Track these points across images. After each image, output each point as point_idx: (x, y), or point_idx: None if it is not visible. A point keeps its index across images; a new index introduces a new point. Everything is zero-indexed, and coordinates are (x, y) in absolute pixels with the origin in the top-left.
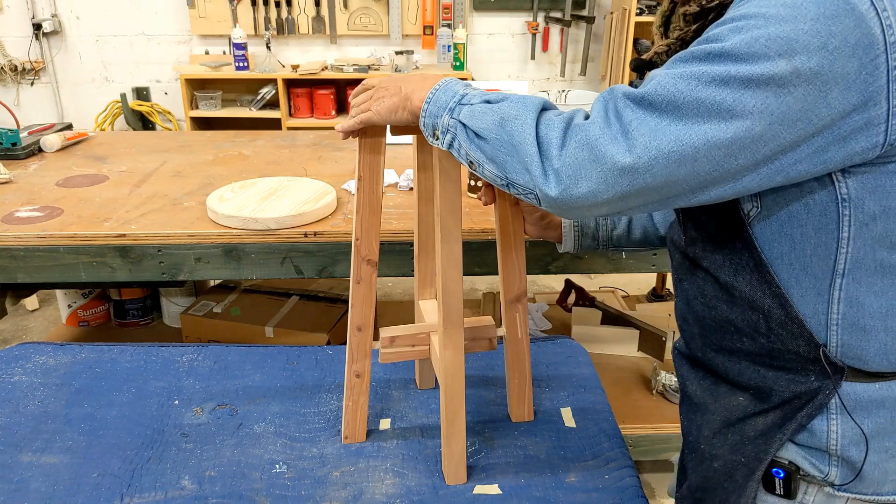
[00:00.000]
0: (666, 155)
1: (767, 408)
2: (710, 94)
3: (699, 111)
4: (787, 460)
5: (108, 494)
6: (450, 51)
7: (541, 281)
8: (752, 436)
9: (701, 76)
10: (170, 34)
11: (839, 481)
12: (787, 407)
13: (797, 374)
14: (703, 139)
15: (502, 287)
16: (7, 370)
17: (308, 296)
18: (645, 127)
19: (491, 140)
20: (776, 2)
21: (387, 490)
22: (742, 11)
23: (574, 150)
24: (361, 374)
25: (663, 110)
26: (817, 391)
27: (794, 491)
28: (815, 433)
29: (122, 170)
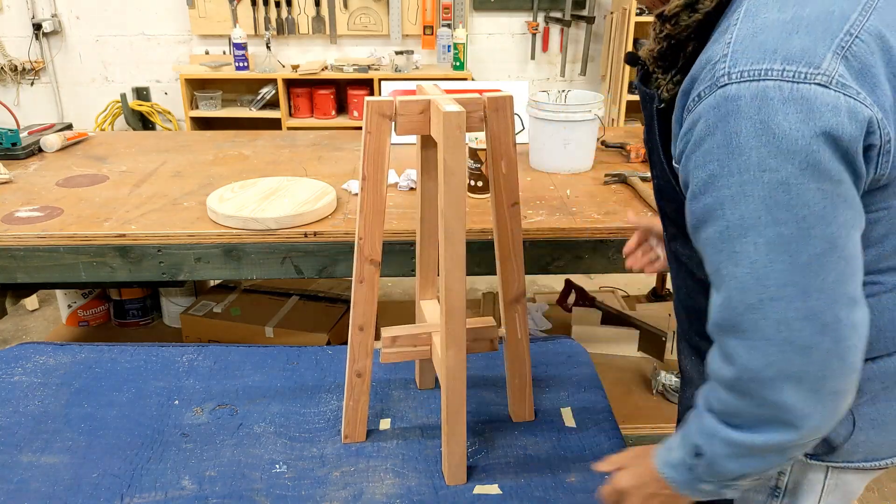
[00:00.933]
0: (798, 330)
1: None
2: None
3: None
4: None
5: (108, 494)
6: (450, 51)
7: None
8: None
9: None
10: (170, 34)
11: (811, 451)
12: None
13: None
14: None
15: (501, 288)
16: (7, 370)
17: (308, 296)
18: (766, 324)
19: (740, 471)
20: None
21: (387, 490)
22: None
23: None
24: (362, 374)
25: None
26: None
27: None
28: None
29: (122, 170)
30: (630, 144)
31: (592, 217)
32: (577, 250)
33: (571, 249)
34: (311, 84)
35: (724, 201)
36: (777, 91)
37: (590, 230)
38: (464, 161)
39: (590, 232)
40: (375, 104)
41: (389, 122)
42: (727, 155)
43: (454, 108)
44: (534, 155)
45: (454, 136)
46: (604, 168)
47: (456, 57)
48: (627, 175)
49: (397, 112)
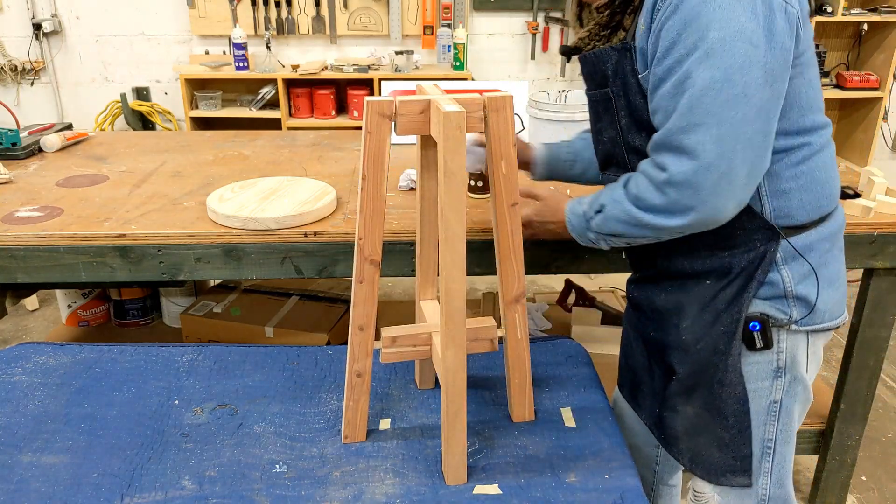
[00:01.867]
0: (732, 150)
1: (730, 279)
2: (728, 91)
3: (728, 106)
4: (758, 312)
5: (108, 494)
6: (450, 51)
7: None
8: (722, 307)
9: (711, 85)
10: (170, 34)
11: (798, 317)
12: (746, 272)
13: (746, 245)
14: (743, 123)
15: (501, 288)
16: (7, 370)
17: (308, 296)
18: (705, 144)
19: (624, 233)
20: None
21: (387, 490)
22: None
23: (672, 194)
24: (362, 374)
25: (704, 124)
26: (765, 252)
27: (771, 339)
28: (773, 283)
29: (122, 170)
30: None
31: None
32: (577, 250)
33: (571, 249)
34: (311, 84)
35: (683, 59)
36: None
37: None
38: (464, 161)
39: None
40: (375, 104)
41: (389, 122)
42: (687, 23)
43: (454, 108)
44: None
45: (454, 136)
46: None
47: (456, 57)
48: None
49: (397, 112)
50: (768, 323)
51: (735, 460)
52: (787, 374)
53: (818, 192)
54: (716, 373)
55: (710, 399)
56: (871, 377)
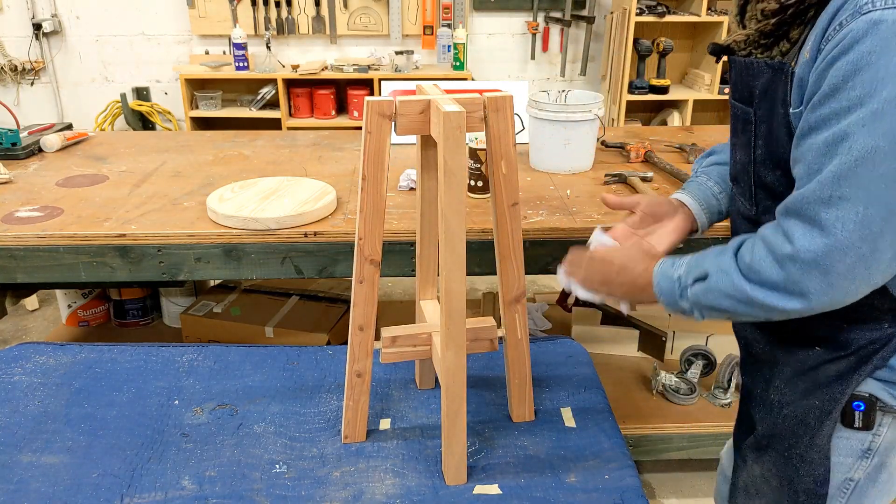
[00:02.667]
0: (879, 233)
1: (843, 355)
2: (889, 165)
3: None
4: (867, 393)
5: (108, 494)
6: (450, 51)
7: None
8: (823, 381)
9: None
10: (170, 34)
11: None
12: (863, 352)
13: (872, 324)
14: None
15: (501, 288)
16: (7, 370)
17: (308, 296)
18: (846, 221)
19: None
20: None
21: (387, 490)
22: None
23: (806, 276)
24: (362, 374)
25: (853, 198)
26: (891, 336)
27: (873, 422)
28: (892, 368)
29: (122, 170)
30: (630, 144)
31: (592, 217)
32: None
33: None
34: (311, 84)
35: (843, 113)
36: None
37: (590, 230)
38: (464, 161)
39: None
40: (375, 104)
41: (389, 122)
42: (857, 70)
43: (454, 108)
44: (534, 155)
45: (454, 137)
46: (604, 168)
47: (456, 57)
48: (627, 175)
49: (397, 112)
50: (875, 405)
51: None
52: (875, 458)
53: None
54: (796, 445)
55: (783, 468)
56: None
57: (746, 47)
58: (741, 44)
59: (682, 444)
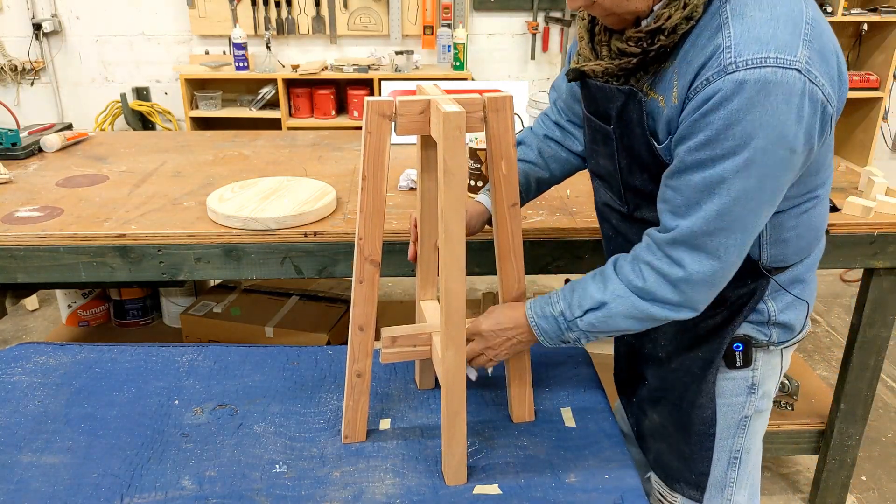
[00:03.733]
0: (736, 254)
1: (717, 311)
2: (752, 202)
3: (748, 216)
4: (743, 334)
5: (108, 494)
6: (450, 51)
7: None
8: (703, 334)
9: (742, 193)
10: (170, 34)
11: (778, 339)
12: (734, 305)
13: (737, 283)
14: (751, 233)
15: (501, 288)
16: (7, 370)
17: (308, 296)
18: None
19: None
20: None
21: (387, 490)
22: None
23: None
24: (362, 374)
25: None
26: (755, 289)
27: (751, 359)
28: (759, 311)
29: (122, 170)
30: None
31: (592, 217)
32: (577, 250)
33: (571, 249)
34: (311, 84)
35: (719, 160)
36: (773, 75)
37: (590, 230)
38: (464, 161)
39: (590, 232)
40: (375, 104)
41: (389, 122)
42: (729, 125)
43: (454, 109)
44: None
45: (454, 137)
46: None
47: (456, 57)
48: None
49: (397, 112)
50: (750, 344)
51: (691, 474)
52: (759, 390)
53: (812, 235)
54: (685, 393)
55: (677, 415)
56: (871, 377)
57: (604, 76)
58: (599, 73)
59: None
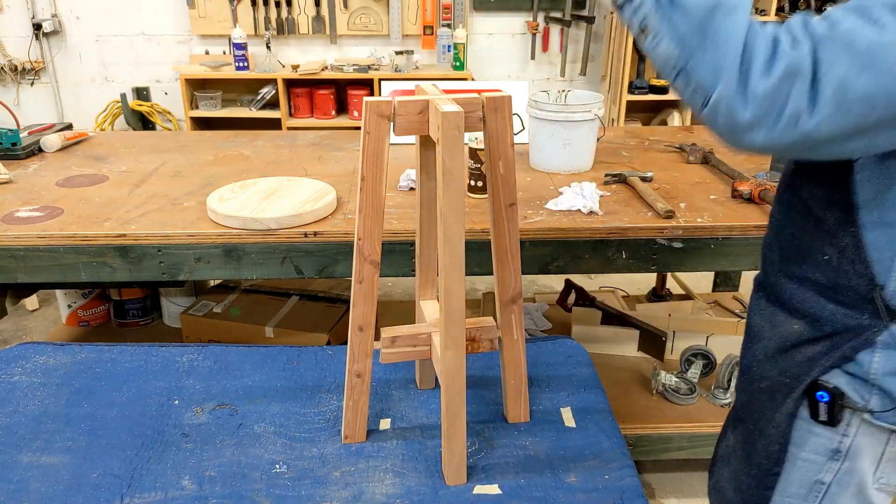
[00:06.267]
0: (846, 111)
1: (819, 336)
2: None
3: (892, 63)
4: (832, 384)
5: (108, 494)
6: (450, 51)
7: (541, 281)
8: (800, 361)
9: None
10: (170, 34)
11: (878, 408)
12: (837, 338)
13: (852, 310)
14: (888, 94)
15: (497, 289)
16: (7, 370)
17: (308, 296)
18: (836, 76)
19: (692, 19)
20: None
21: (387, 490)
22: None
23: (778, 79)
24: (362, 374)
25: (859, 57)
26: (867, 327)
27: (838, 418)
28: (860, 363)
29: (122, 170)
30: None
31: (592, 217)
32: (577, 250)
33: (571, 249)
34: (311, 84)
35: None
36: None
37: (590, 230)
38: (463, 161)
39: (589, 232)
40: (374, 104)
41: (388, 122)
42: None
43: (452, 109)
44: (534, 155)
45: (453, 137)
46: (604, 168)
47: (456, 57)
48: (627, 175)
49: (396, 112)
50: (839, 399)
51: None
52: (845, 462)
53: None
54: (761, 419)
55: (748, 440)
56: None
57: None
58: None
59: (681, 444)
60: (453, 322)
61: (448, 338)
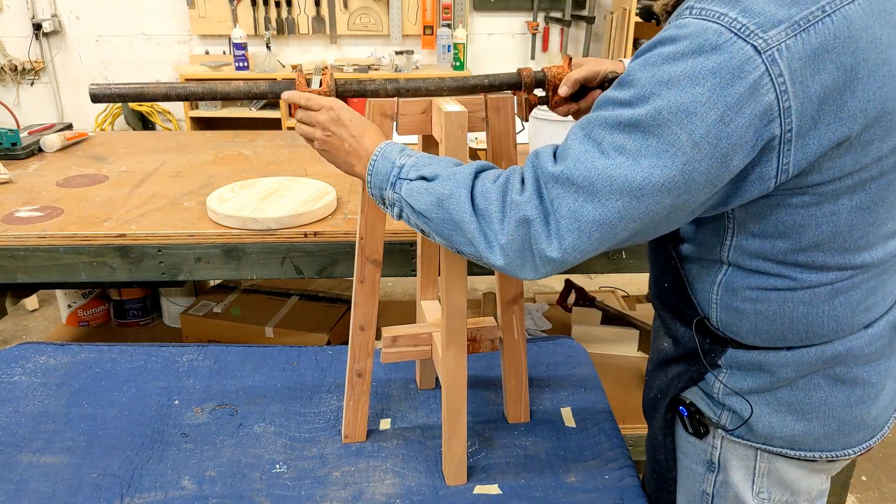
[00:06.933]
0: (588, 236)
1: (678, 356)
2: (623, 172)
3: (612, 189)
4: (688, 400)
5: (108, 494)
6: (450, 51)
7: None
8: (669, 378)
9: (611, 149)
10: (170, 34)
11: (730, 426)
12: (689, 359)
13: (697, 334)
14: (619, 216)
15: (498, 289)
16: (7, 370)
17: (308, 296)
18: (566, 210)
19: (433, 219)
20: (677, 70)
21: (387, 490)
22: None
23: (513, 229)
24: (363, 374)
25: (582, 189)
26: (708, 351)
27: (701, 431)
28: (708, 382)
29: (122, 170)
30: None
31: None
32: None
33: None
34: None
35: (629, 102)
36: (715, 36)
37: None
38: (465, 161)
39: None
40: (377, 104)
41: (391, 121)
42: (651, 68)
43: (456, 108)
44: None
45: (456, 136)
46: None
47: (456, 57)
48: None
49: (399, 112)
50: (695, 415)
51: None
52: (720, 474)
53: (794, 319)
54: (653, 425)
55: (651, 442)
56: None
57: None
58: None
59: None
60: (454, 322)
61: (449, 338)
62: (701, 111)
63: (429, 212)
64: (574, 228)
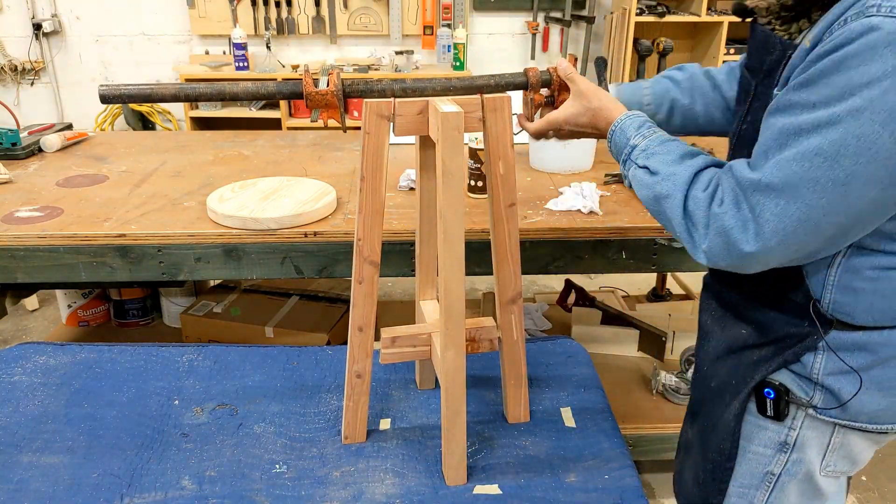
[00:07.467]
0: (793, 232)
1: (765, 342)
2: (824, 173)
3: (815, 189)
4: (778, 381)
5: (108, 494)
6: (450, 51)
7: (541, 281)
8: (746, 363)
9: (809, 151)
10: (170, 34)
11: (821, 405)
12: (781, 344)
13: (793, 318)
14: (822, 212)
15: (497, 289)
16: (7, 370)
17: (308, 296)
18: (769, 213)
19: (650, 209)
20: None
21: (387, 490)
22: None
23: (713, 237)
24: (362, 375)
25: (783, 193)
26: (807, 335)
27: (783, 413)
28: (804, 364)
29: (122, 170)
30: None
31: (592, 217)
32: (577, 250)
33: (571, 249)
34: None
35: (823, 103)
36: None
37: (590, 230)
38: (462, 161)
39: (590, 232)
40: (374, 105)
41: (388, 122)
42: (838, 70)
43: (452, 109)
44: (534, 155)
45: (452, 137)
46: (604, 168)
47: (456, 57)
48: None
49: (396, 113)
50: (784, 396)
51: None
52: (793, 453)
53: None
54: (713, 416)
55: (703, 436)
56: None
57: (767, 16)
58: (763, 11)
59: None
60: (453, 322)
61: (448, 338)
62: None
63: (646, 202)
64: (779, 229)
